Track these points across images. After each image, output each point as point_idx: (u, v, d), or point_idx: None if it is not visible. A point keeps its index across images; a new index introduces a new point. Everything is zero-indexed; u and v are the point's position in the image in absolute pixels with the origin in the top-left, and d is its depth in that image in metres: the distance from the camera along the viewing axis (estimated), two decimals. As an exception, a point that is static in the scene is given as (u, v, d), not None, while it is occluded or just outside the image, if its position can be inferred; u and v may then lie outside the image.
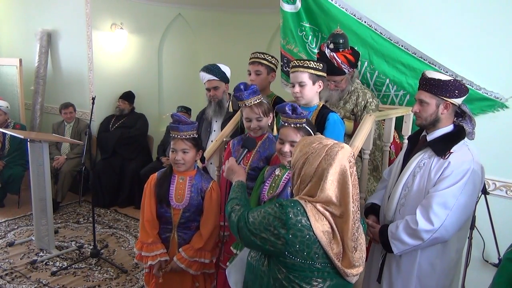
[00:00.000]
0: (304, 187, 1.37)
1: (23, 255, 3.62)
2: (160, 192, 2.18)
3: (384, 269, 2.05)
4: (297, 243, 1.28)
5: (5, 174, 4.56)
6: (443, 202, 1.79)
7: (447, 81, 1.83)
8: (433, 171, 1.85)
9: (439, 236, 1.82)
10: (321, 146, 1.34)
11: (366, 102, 2.67)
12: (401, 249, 1.89)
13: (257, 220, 1.37)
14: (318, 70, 2.25)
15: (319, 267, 1.30)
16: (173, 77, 5.84)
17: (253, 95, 2.17)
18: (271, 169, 2.01)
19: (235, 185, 1.76)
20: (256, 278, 1.47)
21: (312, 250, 1.28)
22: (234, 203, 1.59)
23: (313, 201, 1.33)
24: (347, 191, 1.31)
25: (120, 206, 4.86)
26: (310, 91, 2.27)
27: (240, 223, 1.44)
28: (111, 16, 5.02)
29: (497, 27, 2.54)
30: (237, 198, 1.64)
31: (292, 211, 1.29)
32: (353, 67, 2.65)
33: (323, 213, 1.31)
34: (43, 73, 5.23)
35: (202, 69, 2.96)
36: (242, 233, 1.43)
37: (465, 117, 1.91)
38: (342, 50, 2.64)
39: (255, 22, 5.43)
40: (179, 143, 2.13)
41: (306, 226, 1.28)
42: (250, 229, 1.38)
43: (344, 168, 1.31)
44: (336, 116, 2.25)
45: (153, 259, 2.17)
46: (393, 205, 2.00)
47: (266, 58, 2.72)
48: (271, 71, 2.75)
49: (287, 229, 1.28)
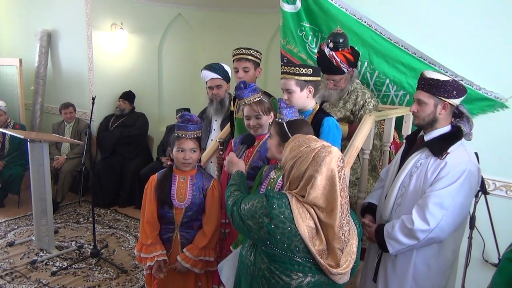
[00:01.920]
0: (294, 188, 1.40)
1: (23, 255, 3.61)
2: (161, 194, 2.17)
3: (380, 269, 2.06)
4: (278, 234, 1.33)
5: (5, 174, 4.56)
6: (439, 202, 1.80)
7: (446, 81, 1.83)
8: (430, 171, 1.86)
9: (435, 236, 1.83)
10: (308, 150, 1.35)
11: (364, 102, 2.67)
12: (397, 249, 1.90)
13: (246, 207, 1.45)
14: (306, 75, 2.13)
15: (300, 261, 1.34)
16: (173, 77, 5.83)
17: (253, 93, 2.17)
18: (269, 169, 2.01)
19: (235, 174, 1.85)
20: (243, 268, 1.55)
21: (293, 243, 1.32)
22: (233, 189, 1.70)
23: (301, 199, 1.36)
24: (334, 196, 1.32)
25: (120, 206, 4.86)
26: (299, 98, 2.16)
27: (234, 207, 1.53)
28: (111, 16, 5.02)
29: (497, 27, 2.54)
30: (236, 184, 1.75)
31: (277, 202, 1.35)
32: (352, 66, 2.64)
33: (308, 210, 1.34)
34: (43, 73, 5.23)
35: (205, 67, 2.93)
36: (233, 217, 1.53)
37: (463, 117, 1.91)
38: (342, 49, 2.64)
39: (255, 22, 5.43)
40: (188, 143, 2.12)
41: (288, 218, 1.32)
42: (240, 215, 1.47)
43: (332, 173, 1.31)
44: (331, 121, 2.13)
45: (151, 260, 2.16)
46: (390, 204, 2.00)
47: (252, 54, 2.63)
48: (257, 66, 2.69)
49: (270, 219, 1.34)
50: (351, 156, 2.21)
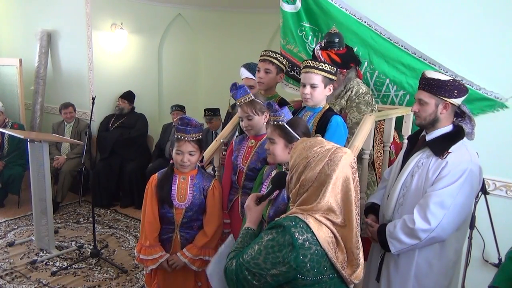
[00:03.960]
0: (303, 192, 1.31)
1: (23, 255, 3.61)
2: (162, 193, 2.17)
3: (383, 268, 2.06)
4: (307, 262, 1.22)
5: (5, 174, 4.56)
6: (440, 201, 1.80)
7: (447, 81, 1.83)
8: (431, 170, 1.86)
9: (436, 235, 1.83)
10: (323, 150, 1.29)
11: (356, 96, 2.62)
12: (399, 248, 1.90)
13: (260, 260, 1.25)
14: (331, 73, 2.21)
15: (327, 280, 1.26)
16: (173, 77, 5.83)
17: (243, 94, 2.16)
18: (270, 169, 2.01)
19: (243, 233, 1.55)
20: None
21: (321, 265, 1.24)
22: (233, 255, 1.43)
23: (311, 211, 1.26)
24: (350, 199, 1.27)
25: (120, 206, 4.86)
26: (321, 94, 2.22)
27: (240, 275, 1.29)
28: (111, 16, 5.02)
29: (497, 27, 2.54)
30: (238, 248, 1.47)
31: (296, 230, 1.22)
32: (341, 67, 2.58)
33: (324, 223, 1.26)
34: (43, 73, 5.23)
35: (244, 65, 2.94)
36: (247, 283, 1.27)
37: (465, 117, 1.91)
38: (337, 49, 2.63)
39: (255, 22, 5.43)
40: (186, 145, 2.12)
41: (313, 242, 1.22)
42: (255, 273, 1.25)
43: (347, 174, 1.27)
44: (339, 119, 2.20)
45: (153, 263, 2.17)
46: (392, 204, 2.01)
47: (277, 58, 2.67)
48: (280, 71, 2.69)
49: (296, 252, 1.21)
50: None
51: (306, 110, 2.33)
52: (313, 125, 2.23)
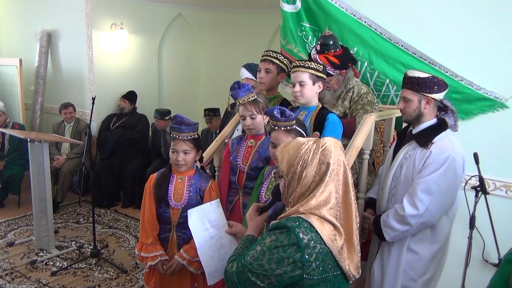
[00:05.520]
0: (305, 191, 1.29)
1: (23, 255, 3.62)
2: (159, 192, 2.18)
3: (377, 256, 2.21)
4: (313, 261, 1.22)
5: (5, 174, 4.56)
6: (426, 188, 1.94)
7: (426, 78, 1.99)
8: (417, 160, 2.01)
9: (426, 220, 1.97)
10: (311, 144, 1.31)
11: (359, 97, 2.63)
12: (392, 236, 2.05)
13: (264, 261, 1.23)
14: (318, 71, 2.29)
15: (331, 278, 1.27)
16: (173, 77, 5.84)
17: (247, 93, 2.17)
18: (271, 168, 2.01)
19: (243, 239, 1.55)
20: None
21: (326, 263, 1.24)
22: (232, 259, 1.42)
23: (313, 209, 1.26)
24: (347, 180, 1.31)
25: (121, 207, 4.86)
26: (310, 91, 2.30)
27: (242, 277, 1.28)
28: (111, 16, 5.02)
29: (497, 27, 2.54)
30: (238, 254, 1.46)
31: (301, 231, 1.22)
32: (340, 68, 2.61)
33: (327, 219, 1.26)
34: (43, 73, 5.23)
35: (244, 65, 2.95)
36: (250, 284, 1.25)
37: (448, 111, 2.05)
38: (334, 51, 2.63)
39: (255, 22, 5.43)
40: (181, 144, 2.12)
41: (317, 241, 1.23)
42: (258, 274, 1.23)
43: (340, 157, 1.31)
44: (335, 117, 2.29)
45: (153, 260, 2.17)
46: (385, 196, 2.17)
47: (278, 58, 2.67)
48: (281, 71, 2.69)
49: (302, 251, 1.20)
50: (351, 156, 2.21)
51: (300, 109, 2.38)
52: (310, 123, 2.28)
